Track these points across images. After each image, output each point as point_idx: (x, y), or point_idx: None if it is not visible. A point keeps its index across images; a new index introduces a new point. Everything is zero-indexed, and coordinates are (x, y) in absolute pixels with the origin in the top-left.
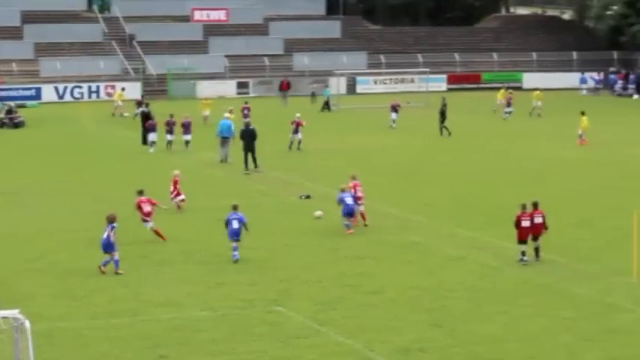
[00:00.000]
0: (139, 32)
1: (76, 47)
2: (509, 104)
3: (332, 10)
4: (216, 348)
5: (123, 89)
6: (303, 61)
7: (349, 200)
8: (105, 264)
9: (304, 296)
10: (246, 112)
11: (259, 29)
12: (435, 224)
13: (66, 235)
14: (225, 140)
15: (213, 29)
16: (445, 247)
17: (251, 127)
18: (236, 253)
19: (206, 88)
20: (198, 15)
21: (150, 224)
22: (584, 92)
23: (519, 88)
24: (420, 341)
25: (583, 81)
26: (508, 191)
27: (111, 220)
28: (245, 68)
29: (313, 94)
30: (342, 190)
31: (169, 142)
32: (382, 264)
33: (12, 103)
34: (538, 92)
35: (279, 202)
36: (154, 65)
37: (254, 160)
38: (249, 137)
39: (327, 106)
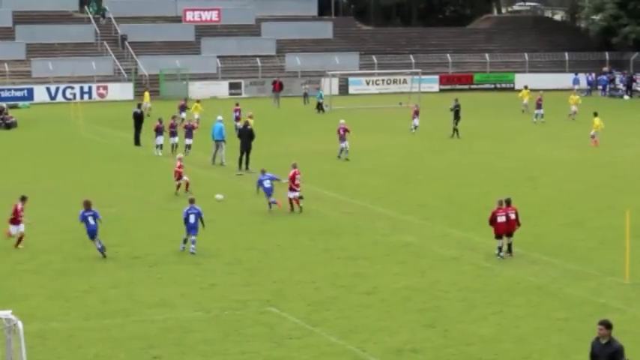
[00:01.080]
0: (131, 33)
1: (68, 48)
2: (539, 106)
3: (324, 10)
4: (209, 349)
5: (147, 89)
6: (295, 61)
7: (267, 183)
8: (102, 249)
9: (297, 297)
10: (237, 113)
11: (251, 30)
12: (428, 224)
13: (58, 235)
14: (218, 143)
15: (205, 30)
16: (438, 247)
17: (249, 127)
18: (193, 246)
19: (198, 89)
20: (190, 15)
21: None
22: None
23: (512, 89)
24: (413, 342)
25: (576, 82)
26: (501, 192)
27: (89, 205)
28: (237, 69)
29: (306, 95)
30: (263, 172)
31: (174, 145)
32: (375, 264)
33: (4, 104)
34: (576, 97)
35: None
36: (146, 66)
37: (247, 161)
38: (246, 137)
39: (320, 107)
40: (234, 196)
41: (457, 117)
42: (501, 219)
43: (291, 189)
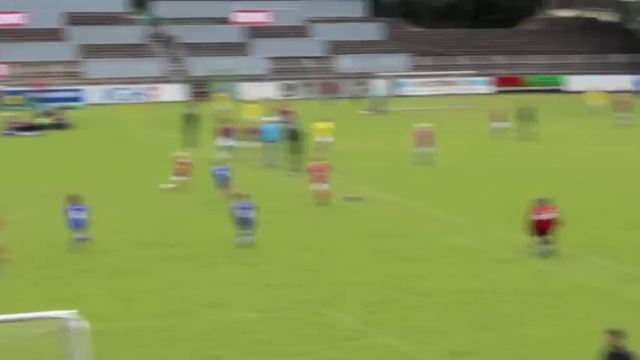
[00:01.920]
0: (182, 34)
1: (119, 49)
2: (624, 109)
3: (374, 12)
4: (264, 349)
5: (222, 91)
6: (345, 63)
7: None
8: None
9: (353, 298)
10: (287, 115)
11: (301, 31)
12: (482, 227)
13: (115, 235)
14: (270, 144)
15: (255, 31)
16: (493, 249)
17: (298, 128)
18: (250, 238)
19: (248, 90)
20: (240, 17)
21: None
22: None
23: (559, 91)
24: (470, 344)
25: (638, 83)
26: (557, 193)
27: (76, 199)
28: (287, 70)
29: (356, 97)
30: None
31: (228, 148)
32: (430, 266)
33: (58, 105)
34: None
35: (325, 203)
36: (196, 67)
37: (299, 161)
38: (295, 139)
39: (375, 108)
40: (287, 198)
41: (530, 120)
42: (539, 216)
43: (316, 181)
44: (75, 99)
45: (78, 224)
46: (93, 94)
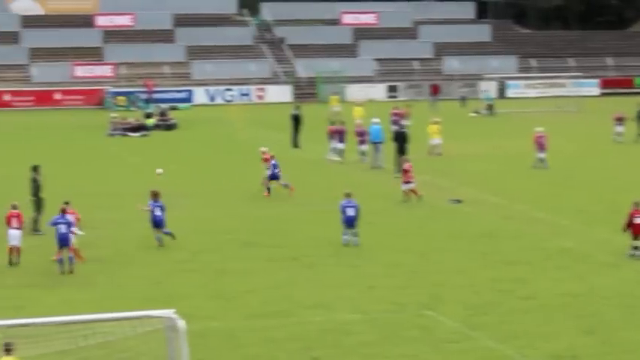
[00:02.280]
0: (289, 36)
1: (227, 50)
2: None
3: (482, 14)
4: (367, 351)
5: (336, 93)
6: (452, 64)
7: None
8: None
9: (456, 300)
10: (395, 117)
11: (409, 33)
12: (588, 230)
13: (218, 236)
14: (376, 145)
15: (362, 33)
16: (598, 253)
17: (403, 130)
18: (356, 239)
19: (355, 92)
20: (347, 18)
21: None
22: None
23: None
24: (573, 348)
25: None
26: None
27: (157, 196)
28: (394, 72)
29: (463, 98)
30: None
31: (339, 150)
32: (534, 269)
33: (165, 106)
34: None
35: (429, 205)
36: (303, 68)
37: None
38: (401, 140)
39: (482, 110)
40: (392, 199)
41: None
42: (637, 220)
43: (406, 182)
44: (183, 100)
45: (159, 221)
46: (200, 94)
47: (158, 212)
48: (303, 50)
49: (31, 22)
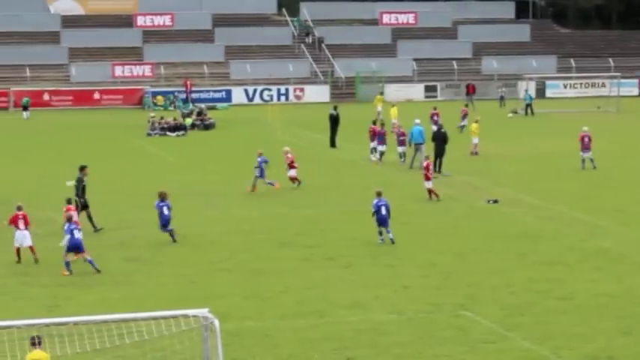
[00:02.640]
0: (328, 35)
1: (265, 50)
2: None
3: (521, 13)
4: (402, 351)
5: (381, 93)
6: (491, 64)
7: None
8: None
9: (492, 301)
10: (435, 117)
11: (448, 32)
12: (626, 230)
13: (254, 236)
14: (418, 146)
15: (401, 32)
16: (636, 253)
17: (443, 130)
18: (391, 235)
19: (394, 92)
20: (386, 18)
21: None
22: None
23: None
24: (609, 349)
25: None
26: None
27: (164, 197)
28: (433, 72)
29: (502, 98)
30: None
31: (381, 153)
32: (571, 270)
33: (203, 105)
34: None
35: (466, 206)
36: (342, 68)
37: (440, 164)
38: (440, 140)
39: (521, 109)
40: (428, 200)
41: None
42: None
43: (427, 178)
44: (221, 100)
45: (165, 220)
46: (239, 94)
47: (166, 211)
48: (342, 50)
49: (71, 22)
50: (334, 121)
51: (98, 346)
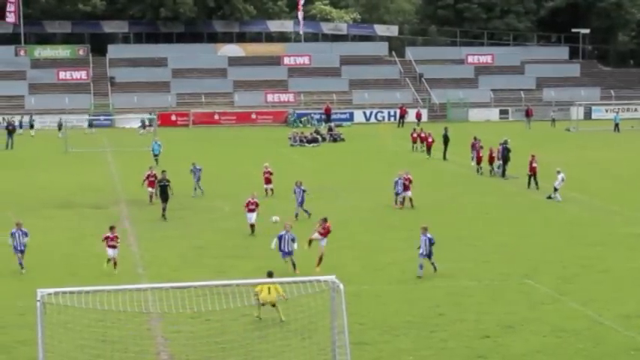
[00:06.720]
0: (427, 71)
1: (379, 82)
2: None
3: (573, 55)
4: (480, 309)
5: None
6: (550, 94)
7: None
8: None
9: (548, 272)
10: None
11: (517, 69)
12: None
13: (369, 221)
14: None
15: (481, 69)
16: None
17: (507, 146)
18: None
19: (476, 114)
20: (470, 59)
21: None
22: None
23: None
24: (639, 310)
25: None
26: None
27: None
28: (506, 99)
29: (553, 120)
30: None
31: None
32: (610, 250)
33: (332, 124)
34: None
35: (529, 200)
36: (437, 96)
37: (504, 171)
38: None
39: (571, 128)
40: (502, 196)
41: None
42: None
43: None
44: (345, 119)
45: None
46: (359, 115)
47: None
48: (437, 83)
49: (235, 61)
50: (446, 139)
51: (254, 302)
